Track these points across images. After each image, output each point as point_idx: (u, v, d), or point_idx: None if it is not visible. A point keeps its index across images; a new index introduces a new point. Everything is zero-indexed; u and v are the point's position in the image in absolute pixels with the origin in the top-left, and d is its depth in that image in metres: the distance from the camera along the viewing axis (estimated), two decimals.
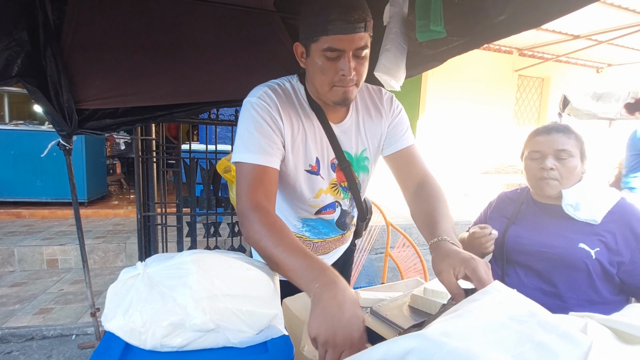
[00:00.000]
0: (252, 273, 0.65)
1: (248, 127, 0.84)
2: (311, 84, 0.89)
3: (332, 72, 0.80)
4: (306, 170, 0.93)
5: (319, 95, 0.89)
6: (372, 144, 1.01)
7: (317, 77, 0.83)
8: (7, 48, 1.21)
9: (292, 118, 0.88)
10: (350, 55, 0.78)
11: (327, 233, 1.08)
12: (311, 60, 0.82)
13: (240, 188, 0.83)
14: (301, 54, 0.86)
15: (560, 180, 1.07)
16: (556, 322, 0.39)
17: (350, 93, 0.84)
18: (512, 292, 0.48)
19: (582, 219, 1.04)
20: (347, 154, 0.97)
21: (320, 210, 1.01)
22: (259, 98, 0.86)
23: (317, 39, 0.78)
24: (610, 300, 1.04)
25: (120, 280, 0.61)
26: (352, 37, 0.76)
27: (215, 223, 2.63)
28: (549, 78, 7.72)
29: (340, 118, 0.96)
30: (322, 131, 0.93)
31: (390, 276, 2.70)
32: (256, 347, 0.61)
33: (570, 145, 1.06)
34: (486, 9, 1.03)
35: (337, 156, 0.96)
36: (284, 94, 0.89)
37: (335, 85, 0.82)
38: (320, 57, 0.79)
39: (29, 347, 2.20)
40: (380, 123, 1.00)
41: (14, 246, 3.19)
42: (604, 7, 4.60)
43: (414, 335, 0.37)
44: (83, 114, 1.49)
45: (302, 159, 0.92)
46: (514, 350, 0.34)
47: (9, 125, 4.22)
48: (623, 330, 0.48)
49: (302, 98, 0.92)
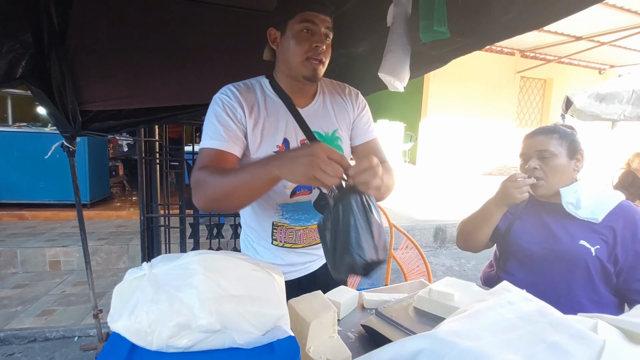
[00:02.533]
0: (258, 274, 0.65)
1: (210, 119, 0.94)
2: (283, 63, 0.98)
3: (307, 45, 0.92)
4: (274, 152, 0.98)
5: (290, 71, 0.97)
6: (343, 126, 1.09)
7: (292, 50, 0.94)
8: (12, 50, 1.21)
9: (254, 107, 0.97)
10: (321, 31, 0.93)
11: (308, 219, 1.07)
12: (286, 38, 0.94)
13: (196, 164, 0.89)
14: (274, 39, 0.98)
15: (546, 179, 1.09)
16: (567, 322, 0.39)
17: (319, 69, 0.95)
18: (521, 292, 0.48)
19: (583, 217, 1.06)
20: (318, 134, 1.03)
21: (294, 191, 1.03)
22: (221, 93, 0.97)
23: (294, 16, 0.92)
24: (609, 301, 1.05)
25: (126, 280, 0.61)
26: (324, 17, 0.93)
27: (218, 224, 2.63)
28: (552, 80, 7.72)
29: (307, 102, 1.05)
30: (288, 114, 1.00)
31: (393, 278, 2.69)
32: (262, 348, 0.60)
33: (552, 145, 1.09)
34: (490, 9, 1.02)
35: (307, 136, 1.01)
36: (246, 88, 0.99)
37: (309, 58, 0.93)
38: (297, 32, 0.92)
39: (31, 349, 2.20)
40: (347, 111, 1.10)
41: (17, 248, 3.19)
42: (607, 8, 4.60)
43: (424, 336, 0.37)
44: (86, 115, 1.49)
45: (269, 141, 0.98)
46: (526, 351, 0.34)
47: (12, 127, 4.24)
48: (633, 330, 0.47)
49: (267, 89, 1.02)
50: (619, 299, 1.07)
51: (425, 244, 4.27)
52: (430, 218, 4.53)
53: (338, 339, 0.78)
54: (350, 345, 0.80)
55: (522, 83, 7.60)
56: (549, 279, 1.08)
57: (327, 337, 0.77)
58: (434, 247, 4.33)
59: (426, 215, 4.64)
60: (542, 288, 1.08)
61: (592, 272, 1.03)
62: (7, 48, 1.20)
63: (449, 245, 4.34)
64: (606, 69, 7.98)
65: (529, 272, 1.13)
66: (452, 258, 4.05)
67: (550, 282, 1.08)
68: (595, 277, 1.03)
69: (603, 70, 8.01)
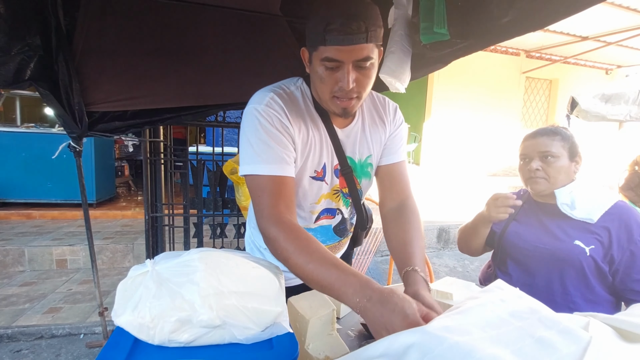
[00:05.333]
0: (258, 271, 0.67)
1: (260, 136, 0.80)
2: (314, 90, 0.89)
3: (332, 83, 0.78)
4: (311, 176, 0.92)
5: (323, 102, 0.87)
6: (376, 150, 1.00)
7: (318, 85, 0.82)
8: (21, 53, 1.24)
9: (301, 123, 0.86)
10: (349, 67, 0.75)
11: (324, 240, 1.05)
12: (313, 68, 0.81)
13: (259, 202, 0.78)
14: (307, 60, 0.84)
15: (548, 179, 1.11)
16: (556, 318, 0.39)
17: (350, 107, 0.81)
18: (514, 290, 0.49)
19: (579, 217, 1.07)
20: (350, 159, 0.96)
21: (319, 215, 1.00)
22: (266, 105, 0.81)
23: (317, 48, 0.76)
24: (604, 300, 1.06)
25: (130, 277, 0.62)
26: (351, 49, 0.73)
27: (222, 224, 2.65)
28: (557, 80, 7.65)
29: (346, 123, 0.94)
30: (327, 136, 0.91)
31: (395, 278, 2.69)
32: (261, 343, 0.62)
33: (554, 147, 1.10)
34: (490, 11, 1.03)
35: (339, 162, 0.94)
36: (289, 98, 0.86)
37: (335, 96, 0.80)
38: (320, 66, 0.77)
39: (38, 346, 2.23)
40: (383, 131, 1.00)
41: (25, 246, 3.24)
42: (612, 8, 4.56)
43: (415, 331, 0.38)
44: (93, 116, 1.52)
45: (310, 164, 0.90)
46: (513, 345, 0.35)
47: (20, 128, 4.30)
48: (626, 329, 0.48)
49: (309, 101, 0.90)
50: (615, 298, 1.08)
51: (429, 244, 4.27)
52: (433, 219, 4.52)
53: (337, 336, 0.79)
54: (349, 343, 0.82)
55: (527, 83, 7.55)
56: (544, 279, 1.10)
57: (326, 335, 0.78)
58: (437, 248, 4.32)
59: (430, 217, 4.63)
60: (537, 287, 1.10)
61: (586, 272, 1.04)
62: (17, 51, 1.22)
63: (453, 247, 4.33)
64: (613, 69, 7.89)
65: (525, 271, 1.14)
66: (456, 259, 4.04)
67: (546, 281, 1.09)
68: (590, 276, 1.04)
69: (610, 70, 7.92)
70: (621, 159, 3.88)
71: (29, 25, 1.24)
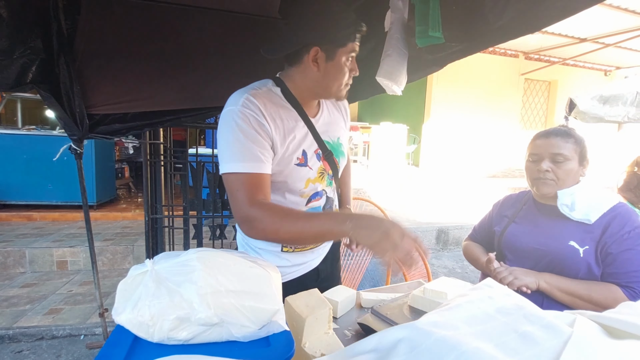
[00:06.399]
0: (255, 270, 0.68)
1: (237, 136, 0.86)
2: (316, 83, 0.96)
3: (349, 73, 0.96)
4: (295, 163, 0.98)
5: (320, 91, 0.99)
6: (342, 132, 1.15)
7: (339, 77, 0.95)
8: (23, 56, 1.26)
9: (276, 118, 0.93)
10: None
11: None
12: (333, 64, 0.93)
13: (237, 197, 0.84)
14: (317, 57, 0.92)
15: (557, 181, 1.10)
16: (541, 314, 0.41)
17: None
18: (503, 288, 0.50)
19: (577, 218, 1.07)
20: (327, 142, 1.06)
21: (310, 199, 1.06)
22: (242, 106, 0.88)
23: (346, 45, 0.92)
24: None
25: (130, 276, 0.64)
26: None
27: (221, 225, 2.66)
28: (556, 82, 7.67)
29: (315, 112, 1.06)
30: (303, 125, 1.00)
31: (394, 279, 2.70)
32: (258, 341, 0.63)
33: (567, 149, 1.09)
34: (484, 15, 1.04)
35: (319, 146, 1.03)
36: (262, 95, 0.92)
37: (347, 84, 0.98)
38: (347, 60, 0.94)
39: (39, 347, 2.24)
40: (340, 115, 1.16)
41: (25, 248, 3.26)
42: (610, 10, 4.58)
43: (405, 326, 0.40)
44: (93, 119, 1.54)
45: (292, 154, 0.97)
46: (497, 339, 0.36)
47: (21, 130, 4.32)
48: (612, 325, 0.49)
49: (281, 98, 0.98)
50: None
51: (428, 246, 4.27)
52: (432, 220, 4.53)
53: (333, 335, 0.81)
54: (346, 342, 0.83)
55: (526, 85, 7.57)
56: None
57: (322, 333, 0.79)
58: (436, 250, 4.33)
59: (429, 218, 4.64)
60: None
61: (579, 273, 1.04)
62: (18, 54, 1.24)
63: (452, 248, 4.34)
64: (612, 70, 7.92)
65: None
66: (455, 260, 4.05)
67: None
68: (583, 278, 1.04)
69: (609, 72, 7.95)
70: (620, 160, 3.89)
71: (30, 29, 1.26)
